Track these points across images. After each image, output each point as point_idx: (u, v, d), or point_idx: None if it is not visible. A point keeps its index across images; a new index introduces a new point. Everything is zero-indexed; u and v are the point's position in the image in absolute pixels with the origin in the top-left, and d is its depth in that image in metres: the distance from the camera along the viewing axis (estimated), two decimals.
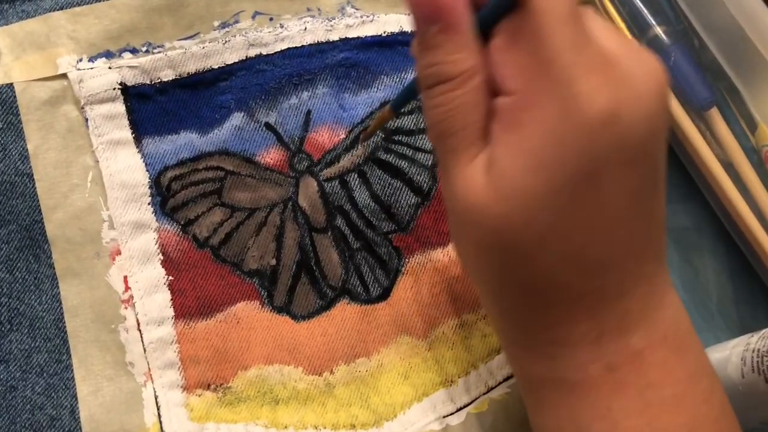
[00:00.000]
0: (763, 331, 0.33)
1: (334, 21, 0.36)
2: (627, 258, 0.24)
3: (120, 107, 0.34)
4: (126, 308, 0.32)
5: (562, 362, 0.25)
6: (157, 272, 0.33)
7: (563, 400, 0.25)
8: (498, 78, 0.23)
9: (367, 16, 0.36)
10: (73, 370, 0.31)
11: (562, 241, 0.23)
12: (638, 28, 0.39)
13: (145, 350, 0.32)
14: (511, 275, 0.24)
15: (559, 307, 0.24)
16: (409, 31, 0.37)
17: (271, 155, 0.35)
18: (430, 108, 0.24)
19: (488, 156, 0.23)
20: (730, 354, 0.34)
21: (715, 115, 0.38)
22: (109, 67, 0.34)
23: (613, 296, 0.24)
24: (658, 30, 0.38)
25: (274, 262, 0.34)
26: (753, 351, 0.32)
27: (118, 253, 0.33)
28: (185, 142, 0.34)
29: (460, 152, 0.24)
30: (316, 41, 0.35)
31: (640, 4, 0.39)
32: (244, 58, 0.35)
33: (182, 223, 0.34)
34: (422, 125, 0.36)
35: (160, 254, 0.33)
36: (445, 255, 0.34)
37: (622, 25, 0.39)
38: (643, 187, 0.23)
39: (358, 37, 0.36)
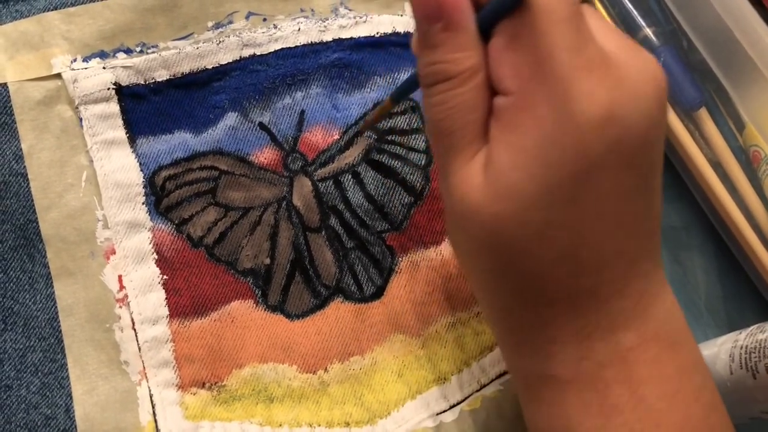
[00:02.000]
0: (751, 328, 0.33)
1: (327, 22, 0.36)
2: (620, 257, 0.24)
3: (114, 107, 0.34)
4: (121, 307, 0.32)
5: (554, 360, 0.25)
6: (151, 271, 0.33)
7: (556, 397, 0.25)
8: (497, 77, 0.24)
9: (360, 17, 0.37)
10: (67, 369, 0.32)
11: (557, 240, 0.23)
12: (628, 29, 0.39)
13: (139, 349, 0.32)
14: (505, 273, 0.25)
15: (552, 305, 0.25)
16: (402, 32, 0.37)
17: (265, 155, 0.35)
18: (431, 106, 0.24)
19: (486, 155, 0.24)
20: (718, 351, 0.34)
21: (703, 115, 0.39)
22: (104, 67, 0.34)
23: (606, 295, 0.24)
24: (648, 31, 0.38)
25: (268, 261, 0.34)
26: (741, 348, 0.32)
27: (113, 252, 0.33)
28: (179, 141, 0.34)
29: (458, 150, 0.24)
30: (309, 42, 0.36)
31: (630, 6, 0.39)
32: (238, 58, 0.35)
33: (176, 222, 0.34)
34: (415, 125, 0.36)
35: (155, 253, 0.33)
36: (438, 254, 0.35)
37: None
38: (638, 188, 0.24)
39: (351, 38, 0.36)
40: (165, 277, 0.33)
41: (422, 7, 0.24)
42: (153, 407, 0.31)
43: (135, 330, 0.32)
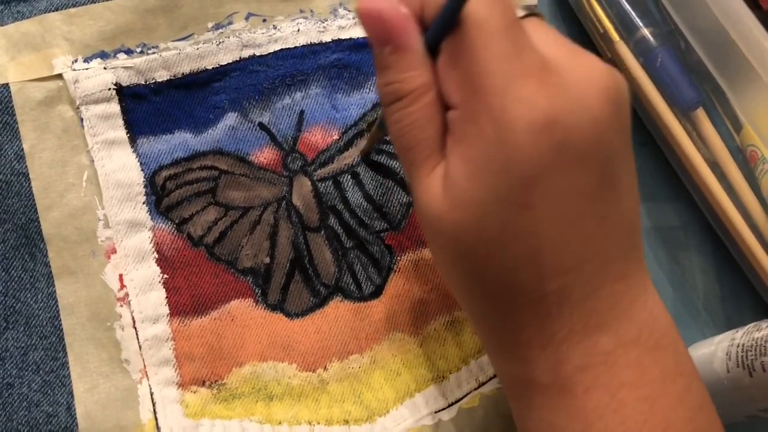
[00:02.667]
0: (748, 326, 0.33)
1: (326, 22, 0.36)
2: (588, 259, 0.24)
3: (115, 107, 0.34)
4: (121, 306, 0.33)
5: (533, 364, 0.25)
6: (152, 270, 0.33)
7: (539, 401, 0.26)
8: (445, 93, 0.25)
9: None
10: (69, 367, 0.32)
11: (515, 245, 0.24)
12: (626, 29, 0.39)
13: (140, 347, 0.32)
14: (473, 280, 0.25)
15: (522, 309, 0.25)
16: None
17: (265, 155, 0.35)
18: (390, 125, 0.26)
19: (444, 167, 0.25)
20: (715, 349, 0.34)
21: (701, 115, 0.39)
22: (104, 68, 0.34)
23: (577, 297, 0.24)
24: (645, 32, 0.39)
25: (268, 260, 0.34)
26: (738, 346, 0.33)
27: (114, 251, 0.33)
28: (180, 141, 0.34)
29: (419, 165, 0.25)
30: (308, 42, 0.36)
31: (628, 6, 0.39)
32: (238, 59, 0.35)
33: (177, 221, 0.34)
34: None
35: (155, 253, 0.33)
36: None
37: (610, 26, 0.39)
38: (595, 188, 0.24)
39: (350, 39, 0.36)
40: (165, 276, 0.33)
41: (372, 32, 0.25)
42: (154, 405, 0.32)
43: (136, 328, 0.32)
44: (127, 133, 0.34)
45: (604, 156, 0.24)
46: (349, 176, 0.35)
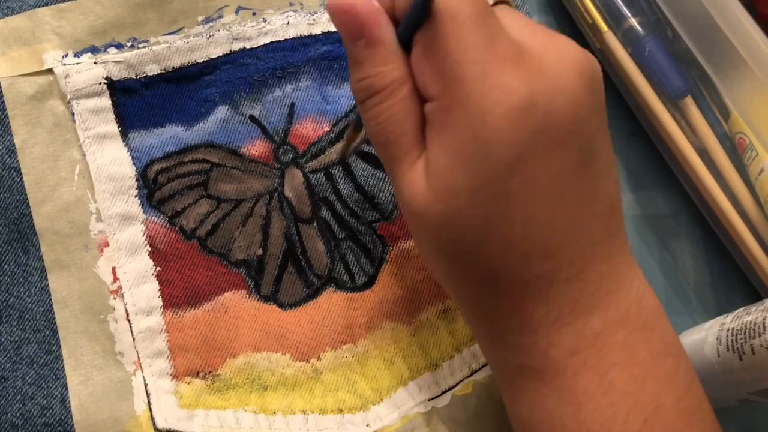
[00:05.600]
0: (737, 311, 0.33)
1: (316, 15, 0.36)
2: (573, 241, 0.24)
3: (106, 101, 0.34)
4: (115, 299, 0.33)
5: (525, 349, 0.25)
6: (145, 263, 0.33)
7: (530, 386, 0.26)
8: (421, 85, 0.25)
9: None
10: (63, 360, 0.32)
11: (501, 230, 0.24)
12: (613, 19, 0.39)
13: (134, 340, 0.32)
14: (461, 270, 0.25)
15: (511, 294, 0.25)
16: None
17: (256, 147, 0.35)
18: (367, 121, 0.26)
19: (425, 159, 0.25)
20: (706, 335, 0.34)
21: (689, 103, 0.39)
22: (95, 62, 0.34)
23: (564, 279, 0.25)
24: (633, 21, 0.39)
25: (260, 252, 0.34)
26: (728, 330, 0.33)
27: (106, 244, 0.33)
28: (171, 135, 0.35)
29: (400, 159, 0.25)
30: (298, 35, 0.36)
31: None
32: (228, 52, 0.35)
33: (169, 214, 0.34)
34: None
35: (148, 246, 0.33)
36: None
37: (598, 16, 0.40)
38: (577, 170, 0.24)
39: None
40: (158, 268, 0.33)
41: (344, 27, 0.25)
42: (148, 396, 0.32)
43: (129, 321, 0.32)
44: (118, 127, 0.34)
45: (583, 136, 0.24)
46: (340, 168, 0.36)
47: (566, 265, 0.24)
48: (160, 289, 0.33)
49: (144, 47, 0.35)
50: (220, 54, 0.35)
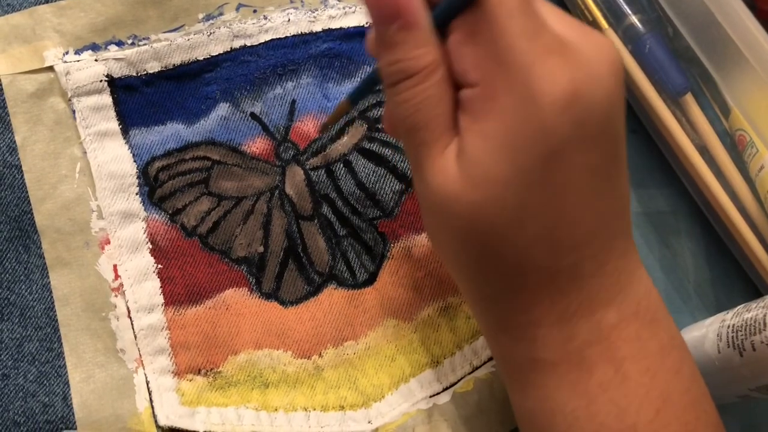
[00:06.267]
0: (738, 308, 0.34)
1: (317, 12, 0.36)
2: (596, 235, 0.25)
3: (107, 99, 0.34)
4: (116, 296, 0.33)
5: (541, 343, 0.26)
6: (146, 261, 0.33)
7: (543, 380, 0.26)
8: (460, 71, 0.24)
9: (350, 7, 0.37)
10: (64, 357, 0.32)
11: (534, 221, 0.24)
12: (614, 16, 0.39)
13: (135, 337, 0.32)
14: (488, 260, 0.25)
15: (535, 287, 0.25)
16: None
17: (257, 144, 0.35)
18: (398, 104, 0.25)
19: (458, 146, 0.24)
20: (706, 332, 0.35)
21: (689, 101, 0.39)
22: (96, 60, 0.34)
23: (587, 273, 0.25)
24: (634, 18, 0.39)
25: (261, 249, 0.34)
26: (728, 327, 0.33)
27: (108, 242, 0.33)
28: (172, 132, 0.35)
29: (431, 144, 0.25)
30: (299, 32, 0.36)
31: None
32: (229, 49, 0.35)
33: (170, 212, 0.34)
34: None
35: (149, 243, 0.33)
36: (429, 239, 0.35)
37: (598, 13, 0.40)
38: (605, 164, 0.24)
39: (340, 28, 0.36)
40: (159, 266, 0.33)
41: (378, 9, 0.25)
42: (150, 394, 0.32)
43: (131, 318, 0.32)
44: (119, 125, 0.34)
45: (615, 131, 0.24)
46: (341, 165, 0.36)
47: (589, 258, 0.25)
48: (161, 287, 0.33)
49: (145, 44, 0.35)
50: (221, 51, 0.35)
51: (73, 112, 0.34)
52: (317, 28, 0.36)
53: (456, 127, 0.25)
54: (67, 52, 0.34)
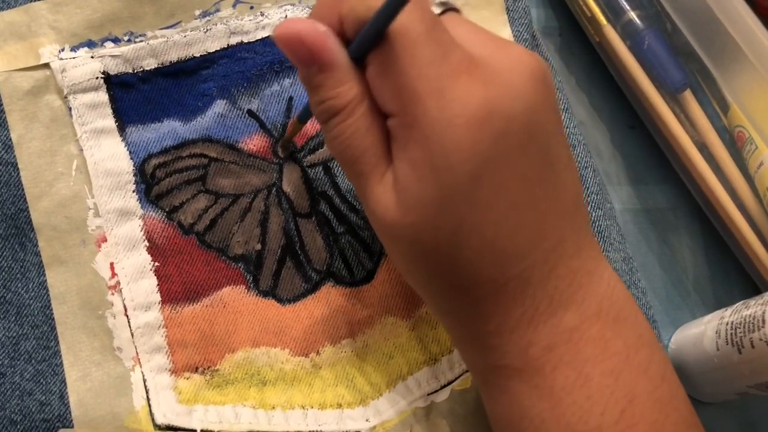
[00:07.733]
0: (737, 305, 0.34)
1: None
2: (542, 239, 0.25)
3: (103, 96, 0.34)
4: (113, 294, 0.32)
5: (504, 350, 0.26)
6: (143, 258, 0.33)
7: (509, 385, 0.26)
8: (381, 102, 0.25)
9: None
10: (61, 356, 0.32)
11: (473, 237, 0.24)
12: (612, 12, 0.39)
13: (132, 335, 0.32)
14: (439, 278, 0.26)
15: (488, 299, 0.25)
16: None
17: (254, 142, 0.35)
18: (331, 140, 0.26)
19: (393, 173, 0.25)
20: (705, 329, 0.35)
21: (688, 97, 0.39)
22: (92, 57, 0.34)
23: (538, 278, 0.25)
24: (632, 14, 0.39)
25: (259, 247, 0.34)
26: (727, 324, 0.33)
27: (104, 240, 0.33)
28: (168, 130, 0.34)
29: (368, 175, 0.26)
30: None
31: None
32: (226, 46, 0.35)
33: (167, 210, 0.34)
34: None
35: (146, 241, 0.33)
36: None
37: (597, 9, 0.40)
38: (538, 170, 0.25)
39: None
40: (156, 263, 0.33)
41: (294, 55, 0.25)
42: (147, 392, 0.32)
43: (127, 316, 0.32)
44: (115, 122, 0.34)
45: (542, 138, 0.25)
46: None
47: (539, 263, 0.25)
48: (158, 285, 0.33)
49: (141, 41, 0.34)
50: (218, 48, 0.35)
51: (69, 109, 0.34)
52: None
53: (390, 154, 0.25)
54: (62, 49, 0.34)
